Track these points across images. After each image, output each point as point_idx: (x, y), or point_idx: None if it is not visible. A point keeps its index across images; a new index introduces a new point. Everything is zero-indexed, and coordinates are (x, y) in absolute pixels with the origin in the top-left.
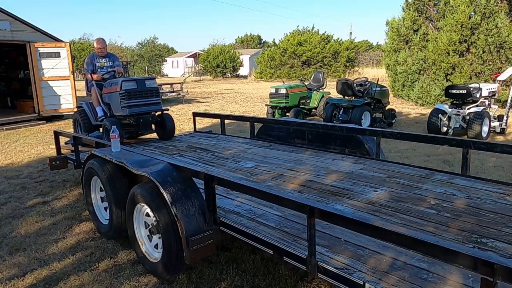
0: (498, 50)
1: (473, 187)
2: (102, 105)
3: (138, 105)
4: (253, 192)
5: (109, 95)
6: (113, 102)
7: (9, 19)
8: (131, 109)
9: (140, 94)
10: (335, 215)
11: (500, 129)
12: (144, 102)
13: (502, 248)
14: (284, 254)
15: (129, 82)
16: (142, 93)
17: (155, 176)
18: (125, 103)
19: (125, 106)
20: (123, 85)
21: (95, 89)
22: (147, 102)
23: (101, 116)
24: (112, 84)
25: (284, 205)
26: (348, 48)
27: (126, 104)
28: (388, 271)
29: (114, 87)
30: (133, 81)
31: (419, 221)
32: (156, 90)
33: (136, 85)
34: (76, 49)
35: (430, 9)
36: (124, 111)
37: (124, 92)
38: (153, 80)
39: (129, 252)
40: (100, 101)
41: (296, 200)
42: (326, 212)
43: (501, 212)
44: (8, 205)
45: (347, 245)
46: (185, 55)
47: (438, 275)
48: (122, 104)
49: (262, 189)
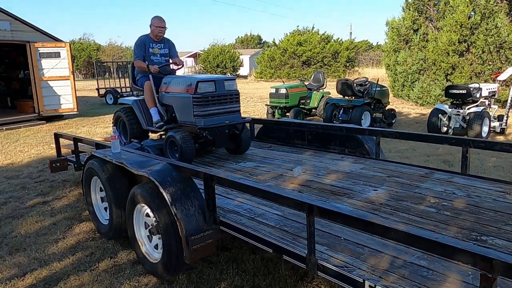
0: (498, 50)
1: (473, 185)
2: (158, 107)
3: (216, 114)
4: (252, 191)
5: (171, 96)
6: (179, 107)
7: (9, 19)
8: (207, 120)
9: (218, 99)
10: (334, 212)
11: (500, 129)
12: (222, 110)
13: (502, 245)
14: (284, 253)
15: (206, 83)
16: (221, 98)
17: (154, 176)
18: (200, 111)
19: (200, 115)
20: (200, 86)
21: (150, 85)
22: (226, 110)
23: (157, 122)
24: (178, 82)
25: (283, 203)
26: (348, 48)
27: (201, 113)
28: (388, 269)
29: (182, 87)
30: (211, 82)
31: (419, 220)
32: (237, 94)
33: (214, 87)
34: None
35: (430, 9)
36: (198, 121)
37: (199, 97)
38: (233, 81)
39: (129, 252)
40: (157, 101)
41: (295, 198)
42: (325, 210)
43: (501, 210)
44: (8, 205)
45: (346, 244)
46: (185, 55)
47: (438, 273)
48: (196, 112)
49: (261, 187)
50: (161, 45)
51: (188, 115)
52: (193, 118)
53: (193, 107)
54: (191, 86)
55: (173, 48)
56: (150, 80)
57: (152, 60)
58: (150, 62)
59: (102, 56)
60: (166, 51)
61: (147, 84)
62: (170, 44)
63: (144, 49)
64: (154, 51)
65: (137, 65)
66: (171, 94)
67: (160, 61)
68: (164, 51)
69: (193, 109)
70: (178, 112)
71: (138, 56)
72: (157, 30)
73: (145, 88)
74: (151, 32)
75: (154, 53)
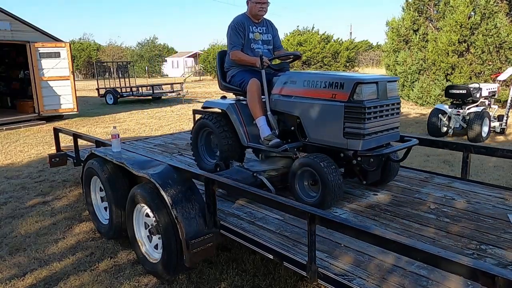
0: (497, 50)
1: (473, 191)
2: (270, 116)
3: (376, 133)
4: (254, 197)
5: (298, 102)
6: (314, 119)
7: (9, 19)
8: (366, 141)
9: (380, 110)
10: (335, 222)
11: (500, 129)
12: (383, 127)
13: (501, 255)
14: (284, 259)
15: (368, 86)
16: (383, 109)
17: (155, 178)
18: (357, 128)
19: (355, 134)
20: (360, 90)
21: (258, 85)
22: (387, 126)
23: (270, 137)
24: (316, 82)
25: (285, 211)
26: (348, 48)
27: (358, 130)
28: (388, 277)
29: (324, 90)
30: (373, 83)
31: (419, 226)
32: (399, 103)
33: (376, 92)
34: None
35: (430, 9)
36: (351, 143)
37: (358, 107)
38: (395, 83)
39: (129, 252)
40: (268, 107)
41: (297, 207)
42: (326, 219)
43: (501, 218)
44: (8, 205)
45: (347, 251)
46: (185, 55)
47: (438, 282)
48: (349, 128)
49: (264, 194)
50: (263, 28)
51: (332, 132)
52: (342, 138)
53: (345, 121)
54: (344, 88)
55: (277, 34)
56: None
57: (252, 50)
58: (249, 53)
59: (102, 56)
60: (269, 36)
61: (253, 83)
62: (274, 28)
63: (244, 35)
64: (255, 37)
65: (236, 57)
66: (298, 99)
67: (262, 51)
68: (267, 36)
69: (344, 125)
70: (311, 126)
71: (236, 44)
72: (256, 7)
73: (250, 89)
74: (248, 10)
75: (255, 39)
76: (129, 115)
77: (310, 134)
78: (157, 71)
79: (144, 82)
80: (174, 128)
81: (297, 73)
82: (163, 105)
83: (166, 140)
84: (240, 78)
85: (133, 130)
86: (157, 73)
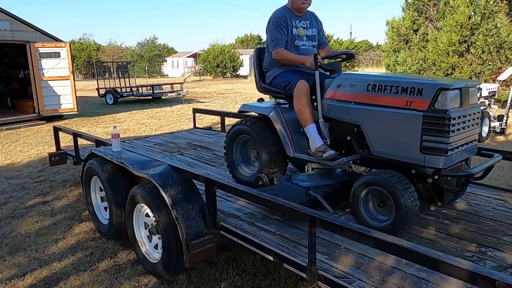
0: (497, 50)
1: (473, 192)
2: (322, 123)
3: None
4: (254, 199)
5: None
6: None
7: (9, 19)
8: (449, 158)
9: (463, 121)
10: (335, 225)
11: (500, 129)
12: (464, 140)
13: (501, 257)
14: (285, 261)
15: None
16: (465, 120)
17: (156, 178)
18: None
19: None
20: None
21: (307, 88)
22: (467, 139)
23: (323, 149)
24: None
25: (286, 213)
26: (348, 48)
27: (440, 145)
28: (388, 280)
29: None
30: (456, 89)
31: (419, 229)
32: (479, 111)
33: (459, 100)
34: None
35: (430, 9)
36: (431, 160)
37: (445, 118)
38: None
39: (129, 252)
40: (320, 114)
41: (298, 209)
42: (327, 222)
43: (500, 220)
44: (8, 205)
45: (347, 252)
46: (185, 55)
47: (437, 285)
48: (428, 142)
49: (264, 196)
50: (307, 22)
51: (405, 145)
52: (419, 153)
53: (423, 133)
54: (423, 95)
55: (322, 28)
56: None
57: (296, 47)
58: (292, 50)
59: (102, 56)
60: (314, 31)
61: (302, 85)
62: (318, 21)
63: (287, 30)
64: (299, 32)
65: (281, 56)
66: (359, 106)
67: (307, 49)
68: (311, 31)
69: (422, 137)
70: (376, 137)
71: (279, 42)
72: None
73: (298, 93)
74: (289, 2)
75: (299, 35)
76: (129, 115)
77: (374, 146)
78: (157, 71)
79: (144, 82)
80: (174, 128)
81: (357, 75)
82: (163, 105)
83: (166, 139)
84: (284, 79)
85: (133, 130)
86: (157, 73)
